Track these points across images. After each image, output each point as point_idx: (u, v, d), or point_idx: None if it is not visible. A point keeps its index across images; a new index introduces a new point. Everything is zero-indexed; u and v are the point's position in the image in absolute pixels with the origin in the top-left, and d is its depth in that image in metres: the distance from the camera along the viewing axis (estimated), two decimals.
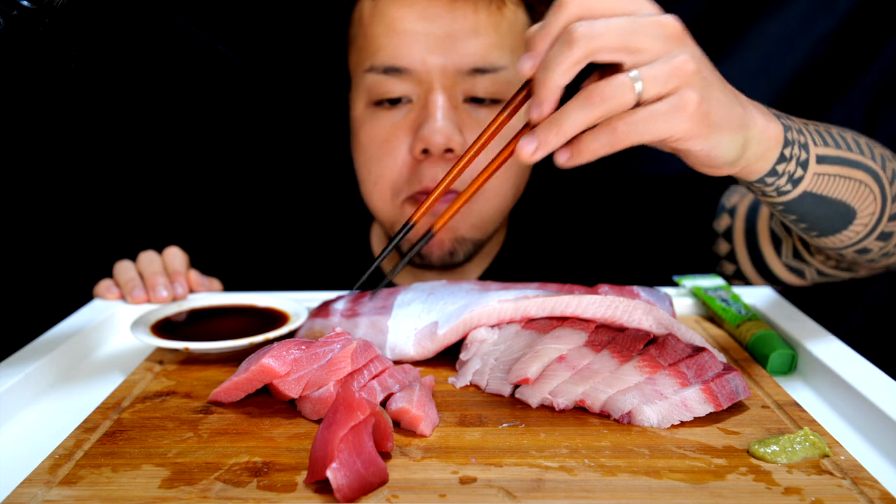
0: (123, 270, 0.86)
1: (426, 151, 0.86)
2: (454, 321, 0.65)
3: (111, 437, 0.54)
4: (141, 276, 0.85)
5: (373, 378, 0.58)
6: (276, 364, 0.56)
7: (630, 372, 0.57)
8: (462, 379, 0.64)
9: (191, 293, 0.87)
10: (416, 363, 0.67)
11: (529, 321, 0.65)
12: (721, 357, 0.60)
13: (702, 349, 0.59)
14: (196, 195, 1.25)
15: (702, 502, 0.45)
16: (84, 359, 0.74)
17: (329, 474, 0.45)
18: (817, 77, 1.17)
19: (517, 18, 0.89)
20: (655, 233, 1.00)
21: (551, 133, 0.49)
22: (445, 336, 0.66)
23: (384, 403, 0.57)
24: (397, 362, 0.66)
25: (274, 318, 0.75)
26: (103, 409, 0.59)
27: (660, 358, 0.58)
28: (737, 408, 0.58)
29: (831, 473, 0.49)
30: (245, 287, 0.89)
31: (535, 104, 0.50)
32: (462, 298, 0.69)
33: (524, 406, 0.59)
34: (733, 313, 0.75)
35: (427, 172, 0.87)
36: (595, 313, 0.62)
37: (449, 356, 0.68)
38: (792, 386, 0.65)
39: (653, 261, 0.99)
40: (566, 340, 0.60)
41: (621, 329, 0.62)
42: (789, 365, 0.68)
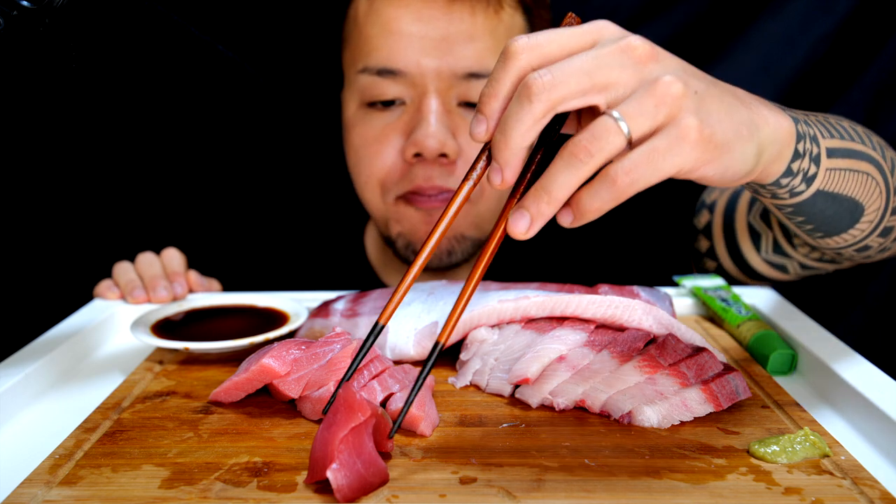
0: (123, 272, 0.86)
1: (418, 155, 0.86)
2: None
3: (111, 437, 0.54)
4: (140, 278, 0.85)
5: (373, 378, 0.58)
6: (276, 364, 0.56)
7: (630, 372, 0.57)
8: (462, 379, 0.64)
9: (190, 293, 0.87)
10: (417, 363, 0.67)
11: (529, 321, 0.65)
12: (721, 357, 0.60)
13: (702, 349, 0.59)
14: (194, 195, 1.25)
15: (702, 502, 0.45)
16: (84, 359, 0.74)
17: (329, 475, 0.45)
18: (817, 77, 1.18)
19: (514, 22, 0.88)
20: (640, 231, 0.99)
21: (542, 203, 0.44)
22: None
23: (384, 403, 0.57)
24: (397, 362, 0.66)
25: (274, 318, 0.75)
26: (103, 409, 0.59)
27: (660, 358, 0.58)
28: (737, 408, 0.58)
29: (831, 473, 0.49)
30: (242, 287, 0.89)
31: (495, 171, 0.45)
32: None
33: (524, 406, 0.59)
34: (733, 313, 0.75)
35: (419, 173, 0.86)
36: (595, 313, 0.62)
37: (449, 356, 0.68)
38: (792, 386, 0.65)
39: (639, 259, 0.98)
40: (566, 340, 0.60)
41: (621, 329, 0.62)
42: (789, 365, 0.68)
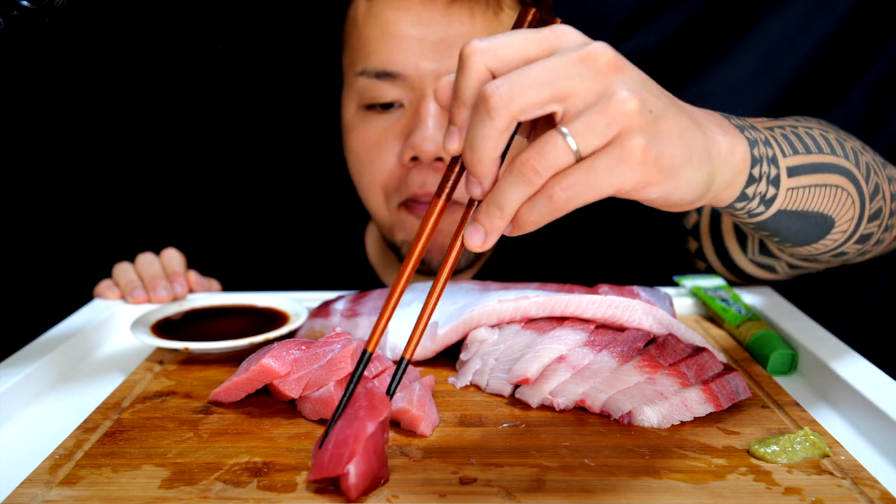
0: (123, 272, 0.86)
1: (416, 158, 0.85)
2: (454, 321, 0.65)
3: (111, 438, 0.54)
4: (140, 278, 0.86)
5: (373, 378, 0.58)
6: (276, 364, 0.56)
7: (630, 372, 0.57)
8: (462, 379, 0.64)
9: (190, 293, 0.87)
10: (416, 363, 0.67)
11: (529, 321, 0.65)
12: (721, 357, 0.60)
13: (702, 349, 0.59)
14: (194, 195, 1.25)
15: (702, 502, 0.45)
16: (84, 359, 0.74)
17: (350, 469, 0.45)
18: (817, 77, 1.17)
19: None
20: (638, 231, 0.99)
21: (495, 218, 0.44)
22: (445, 336, 0.66)
23: None
24: (397, 362, 0.66)
25: (274, 318, 0.75)
26: (103, 409, 0.59)
27: (660, 358, 0.58)
28: (737, 408, 0.58)
29: (831, 473, 0.49)
30: (242, 287, 0.89)
31: (473, 184, 0.45)
32: (462, 298, 0.69)
33: (524, 406, 0.59)
34: (733, 313, 0.75)
35: (415, 179, 0.86)
36: (595, 313, 0.62)
37: (449, 356, 0.68)
38: (792, 386, 0.65)
39: (639, 259, 0.98)
40: (566, 340, 0.60)
41: (621, 329, 0.62)
42: (789, 365, 0.68)
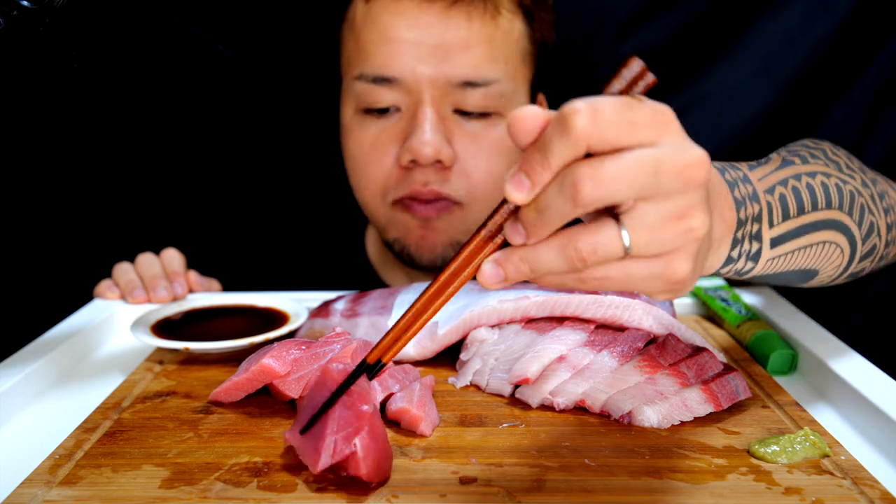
0: (123, 272, 0.86)
1: (413, 161, 0.85)
2: (454, 321, 0.65)
3: (111, 437, 0.54)
4: (140, 278, 0.86)
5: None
6: (276, 364, 0.56)
7: (630, 372, 0.57)
8: (462, 379, 0.64)
9: (190, 293, 0.87)
10: (416, 363, 0.67)
11: (529, 321, 0.65)
12: (721, 357, 0.60)
13: (702, 349, 0.59)
14: (194, 195, 1.25)
15: (702, 502, 0.45)
16: (84, 359, 0.74)
17: (357, 442, 0.45)
18: (817, 77, 1.17)
19: (513, 28, 0.87)
20: None
21: (522, 272, 0.42)
22: (445, 336, 0.66)
23: (384, 403, 0.57)
24: (397, 362, 0.66)
25: (274, 318, 0.75)
26: (103, 409, 0.59)
27: (660, 358, 0.58)
28: (737, 408, 0.58)
29: (831, 473, 0.49)
30: (242, 287, 0.89)
31: (518, 234, 0.42)
32: (462, 298, 0.69)
33: (524, 406, 0.59)
34: (733, 313, 0.75)
35: (416, 177, 0.86)
36: (595, 313, 0.62)
37: (449, 356, 0.68)
38: (792, 386, 0.65)
39: None
40: (566, 340, 0.60)
41: (621, 329, 0.62)
42: (789, 365, 0.68)
